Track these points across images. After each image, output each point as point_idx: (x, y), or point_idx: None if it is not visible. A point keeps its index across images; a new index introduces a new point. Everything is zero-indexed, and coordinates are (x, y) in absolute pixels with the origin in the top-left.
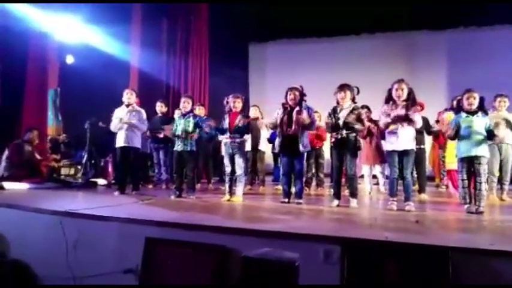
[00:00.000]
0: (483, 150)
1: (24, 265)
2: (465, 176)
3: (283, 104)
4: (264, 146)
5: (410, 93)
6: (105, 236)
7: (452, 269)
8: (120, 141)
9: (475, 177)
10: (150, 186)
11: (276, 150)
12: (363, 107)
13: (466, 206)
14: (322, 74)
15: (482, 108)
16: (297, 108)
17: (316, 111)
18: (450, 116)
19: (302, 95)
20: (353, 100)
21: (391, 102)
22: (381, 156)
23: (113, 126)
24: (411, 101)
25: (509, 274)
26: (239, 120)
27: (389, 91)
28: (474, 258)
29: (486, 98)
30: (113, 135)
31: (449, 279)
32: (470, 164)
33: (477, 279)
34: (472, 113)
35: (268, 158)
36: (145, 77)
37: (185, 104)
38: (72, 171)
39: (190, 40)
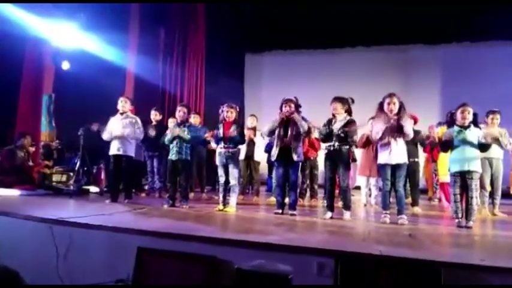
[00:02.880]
0: (475, 165)
1: (13, 272)
2: (457, 191)
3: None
4: (259, 156)
5: (401, 106)
6: (96, 245)
7: (444, 283)
8: (113, 149)
9: (467, 192)
10: (143, 194)
11: (273, 159)
12: (370, 118)
13: (456, 221)
14: (318, 86)
15: (475, 123)
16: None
17: (309, 123)
18: (443, 129)
19: (297, 106)
20: (349, 112)
21: (383, 116)
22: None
23: (105, 136)
24: (402, 114)
25: None
26: (233, 131)
27: (381, 104)
28: (465, 273)
29: (478, 113)
30: (106, 143)
31: None
32: (462, 178)
33: None
34: (465, 127)
35: (263, 168)
36: (142, 84)
37: (180, 113)
38: (64, 178)
39: (187, 49)
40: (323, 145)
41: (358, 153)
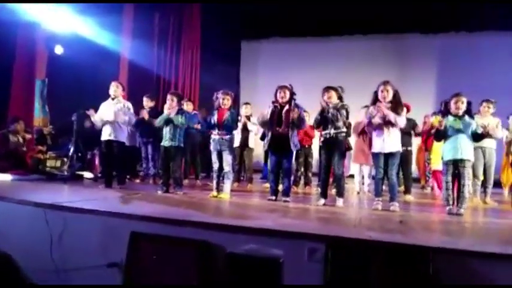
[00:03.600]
0: (468, 154)
1: (5, 256)
2: (449, 178)
3: (273, 102)
4: (253, 143)
5: (396, 94)
6: (89, 230)
7: (433, 268)
8: (105, 135)
9: (459, 179)
10: (138, 180)
11: (264, 148)
12: (365, 106)
13: (447, 208)
14: (314, 74)
15: (469, 112)
16: (287, 106)
17: (305, 111)
18: (437, 119)
19: (292, 93)
20: (340, 99)
21: (376, 104)
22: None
23: (97, 123)
24: (396, 103)
25: (487, 274)
26: (226, 118)
27: (375, 93)
28: (454, 258)
29: (474, 103)
30: (100, 128)
31: (430, 278)
32: (455, 166)
33: (457, 278)
34: (459, 116)
35: (259, 156)
36: (136, 69)
37: (169, 101)
38: (58, 164)
39: (182, 35)
40: (318, 133)
41: (353, 141)
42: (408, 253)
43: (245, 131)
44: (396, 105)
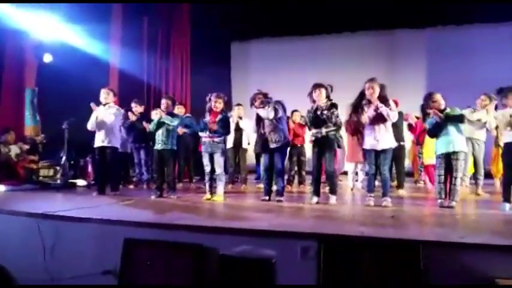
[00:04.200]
0: (460, 146)
1: (1, 268)
2: (442, 172)
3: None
4: (246, 144)
5: (382, 89)
6: (83, 238)
7: (424, 261)
8: (98, 141)
9: (451, 172)
10: (131, 186)
11: (255, 151)
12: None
13: (439, 201)
14: (304, 73)
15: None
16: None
17: (295, 110)
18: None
19: (265, 95)
20: (328, 98)
21: (364, 101)
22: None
23: (89, 126)
24: (381, 98)
25: (476, 265)
26: (216, 123)
27: (361, 93)
28: (444, 250)
29: (465, 96)
30: (91, 135)
31: (421, 270)
32: (448, 160)
33: (447, 270)
34: (442, 110)
35: (251, 157)
36: (126, 76)
37: (164, 105)
38: (51, 173)
39: (172, 39)
40: (308, 132)
41: (345, 140)
42: (399, 247)
43: (238, 131)
44: (383, 100)
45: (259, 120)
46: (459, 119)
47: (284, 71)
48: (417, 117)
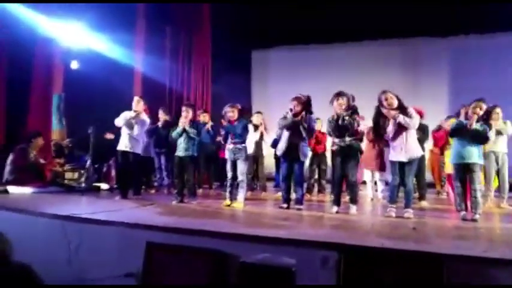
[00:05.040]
0: (475, 157)
1: (28, 267)
2: (459, 183)
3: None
4: (265, 151)
5: (399, 100)
6: (106, 240)
7: (447, 275)
8: (121, 145)
9: (470, 183)
10: (153, 191)
11: (279, 153)
12: None
13: (461, 213)
14: (325, 81)
15: (486, 120)
16: (299, 117)
17: (318, 118)
18: (453, 120)
19: (306, 103)
20: (349, 107)
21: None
22: (381, 164)
23: (118, 121)
24: (400, 108)
25: (500, 280)
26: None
27: (377, 108)
28: (467, 264)
29: (488, 106)
30: (115, 141)
31: (444, 285)
32: (463, 170)
33: (470, 285)
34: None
35: (270, 164)
36: (149, 83)
37: (185, 113)
38: (75, 176)
39: (193, 47)
40: (330, 139)
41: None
42: (421, 260)
43: (259, 139)
44: (402, 110)
45: (292, 127)
46: (482, 140)
47: (304, 79)
48: (439, 127)
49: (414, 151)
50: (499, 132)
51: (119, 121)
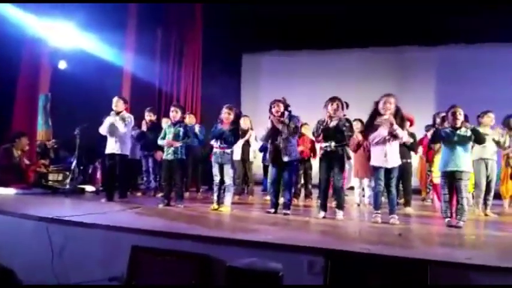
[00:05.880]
0: (465, 165)
1: (8, 271)
2: (447, 191)
3: (269, 117)
4: (252, 157)
5: (398, 110)
6: (91, 244)
7: (431, 281)
8: (109, 148)
9: (457, 192)
10: (139, 194)
11: (267, 162)
12: (356, 119)
13: (446, 220)
14: (315, 87)
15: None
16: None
17: (306, 123)
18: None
19: (286, 106)
20: (341, 113)
21: (378, 120)
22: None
23: (102, 130)
24: (399, 119)
25: (484, 286)
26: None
27: (376, 104)
28: (451, 271)
29: (474, 114)
30: (102, 142)
31: None
32: (451, 178)
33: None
34: (457, 128)
35: (258, 168)
36: (138, 83)
37: (173, 113)
38: (60, 177)
39: (184, 49)
40: (317, 145)
41: (352, 154)
42: (407, 266)
43: (246, 144)
44: (401, 121)
45: (274, 131)
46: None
47: (294, 85)
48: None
49: (396, 159)
50: (497, 143)
51: (103, 129)
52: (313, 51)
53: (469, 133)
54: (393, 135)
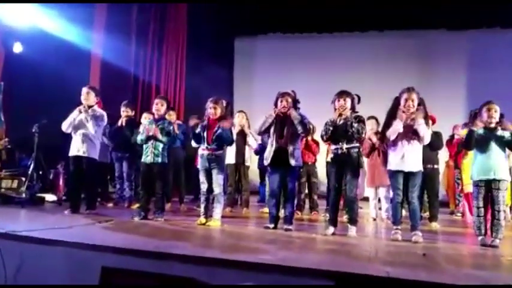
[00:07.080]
0: (503, 173)
1: None
2: (481, 203)
3: (274, 111)
4: (249, 160)
5: (421, 103)
6: (53, 264)
7: None
8: (73, 150)
9: (492, 204)
10: (110, 204)
11: (266, 163)
12: (370, 117)
13: (479, 238)
14: (319, 76)
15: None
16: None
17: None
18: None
19: (295, 101)
20: (353, 110)
21: (398, 115)
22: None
23: (64, 126)
24: (422, 114)
25: None
26: (218, 127)
27: (396, 100)
28: None
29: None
30: (65, 141)
31: None
32: (487, 188)
33: None
34: (492, 128)
35: (254, 175)
36: (110, 71)
37: (158, 106)
38: (14, 184)
39: (166, 31)
40: (323, 148)
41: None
42: None
43: (242, 144)
44: (424, 117)
45: (280, 126)
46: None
47: (295, 74)
48: (452, 136)
49: (417, 163)
50: None
51: (67, 125)
52: (319, 34)
53: (507, 135)
54: (414, 132)
